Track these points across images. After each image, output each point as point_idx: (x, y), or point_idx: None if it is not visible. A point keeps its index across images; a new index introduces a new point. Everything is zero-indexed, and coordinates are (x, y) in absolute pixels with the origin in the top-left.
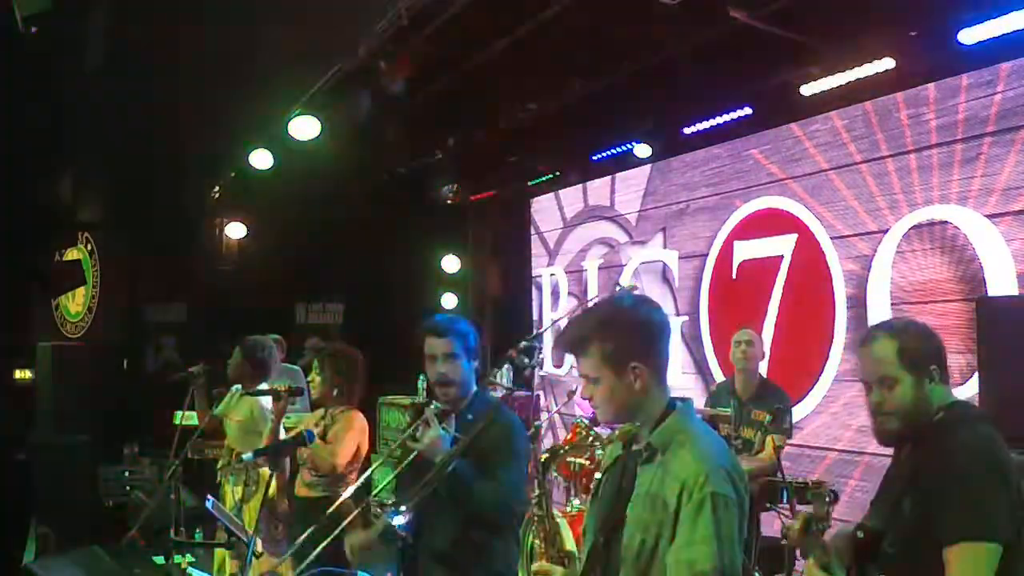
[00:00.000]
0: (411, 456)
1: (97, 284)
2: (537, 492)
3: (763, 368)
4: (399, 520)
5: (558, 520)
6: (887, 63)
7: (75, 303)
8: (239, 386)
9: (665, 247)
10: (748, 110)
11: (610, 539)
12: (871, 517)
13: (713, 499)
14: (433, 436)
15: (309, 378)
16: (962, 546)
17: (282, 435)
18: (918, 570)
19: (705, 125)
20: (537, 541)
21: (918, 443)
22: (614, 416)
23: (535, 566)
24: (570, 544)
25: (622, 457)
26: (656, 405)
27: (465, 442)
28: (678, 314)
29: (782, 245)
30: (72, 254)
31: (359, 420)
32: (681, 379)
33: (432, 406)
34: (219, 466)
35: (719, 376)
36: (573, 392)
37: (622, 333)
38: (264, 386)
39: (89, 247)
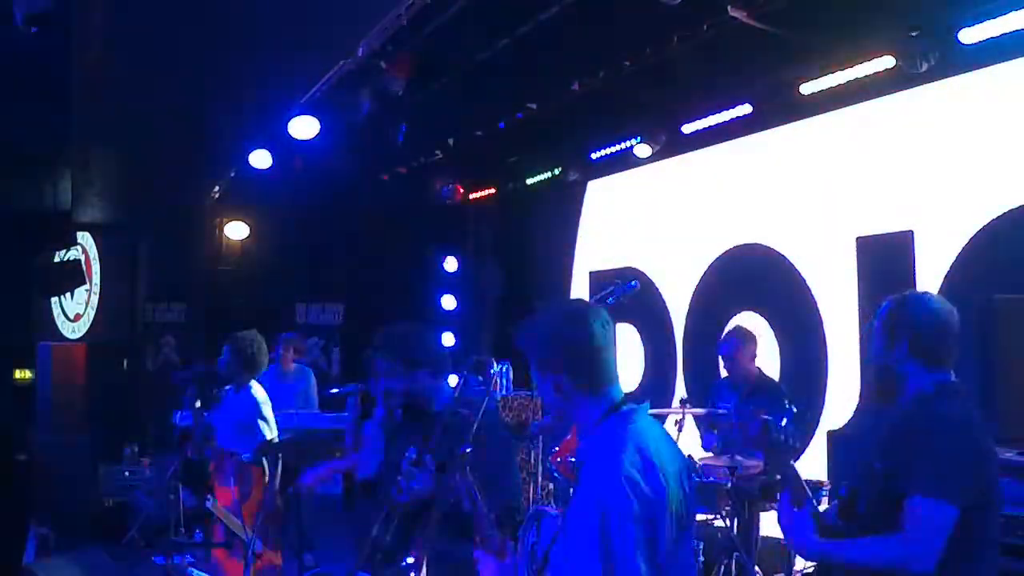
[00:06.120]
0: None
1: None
2: None
3: (767, 364)
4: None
5: None
6: (887, 62)
7: (74, 302)
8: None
9: (665, 247)
10: (748, 108)
11: None
12: (851, 477)
13: (603, 518)
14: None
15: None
16: (918, 500)
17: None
18: (887, 529)
19: (705, 124)
20: None
21: (904, 412)
22: (555, 418)
23: None
24: None
25: None
26: (586, 413)
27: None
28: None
29: (783, 245)
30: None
31: None
32: (682, 379)
33: None
34: (210, 468)
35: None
36: None
37: (546, 345)
38: (254, 383)
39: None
